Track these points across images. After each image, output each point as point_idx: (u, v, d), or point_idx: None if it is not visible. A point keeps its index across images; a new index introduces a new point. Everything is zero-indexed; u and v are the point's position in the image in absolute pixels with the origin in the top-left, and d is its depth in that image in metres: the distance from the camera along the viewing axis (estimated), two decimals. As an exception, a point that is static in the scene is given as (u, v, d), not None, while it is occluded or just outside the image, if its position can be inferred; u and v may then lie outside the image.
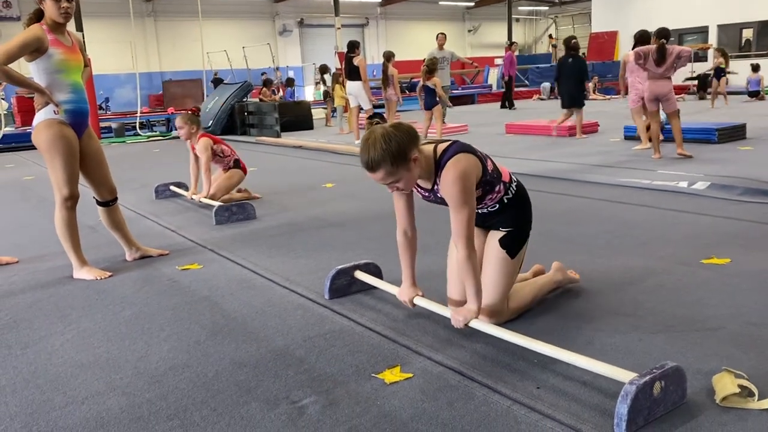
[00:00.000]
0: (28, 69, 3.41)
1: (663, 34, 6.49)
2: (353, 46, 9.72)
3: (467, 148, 2.39)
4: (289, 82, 17.45)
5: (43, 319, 2.95)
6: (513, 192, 2.56)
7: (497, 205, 2.54)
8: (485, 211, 2.57)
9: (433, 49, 10.94)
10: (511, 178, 2.59)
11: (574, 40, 9.19)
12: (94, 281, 3.50)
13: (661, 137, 6.80)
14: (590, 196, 5.05)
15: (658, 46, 6.38)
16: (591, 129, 9.33)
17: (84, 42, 12.10)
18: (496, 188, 2.49)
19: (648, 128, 7.05)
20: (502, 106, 15.41)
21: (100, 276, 3.54)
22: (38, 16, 3.39)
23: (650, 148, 7.07)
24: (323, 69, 15.40)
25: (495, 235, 2.60)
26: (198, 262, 3.76)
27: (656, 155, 6.55)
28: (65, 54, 3.41)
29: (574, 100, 8.84)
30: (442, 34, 11.19)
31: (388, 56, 10.05)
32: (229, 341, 2.57)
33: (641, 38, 7.57)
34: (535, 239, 3.81)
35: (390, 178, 2.28)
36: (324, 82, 15.39)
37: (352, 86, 9.82)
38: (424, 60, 9.18)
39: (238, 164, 5.63)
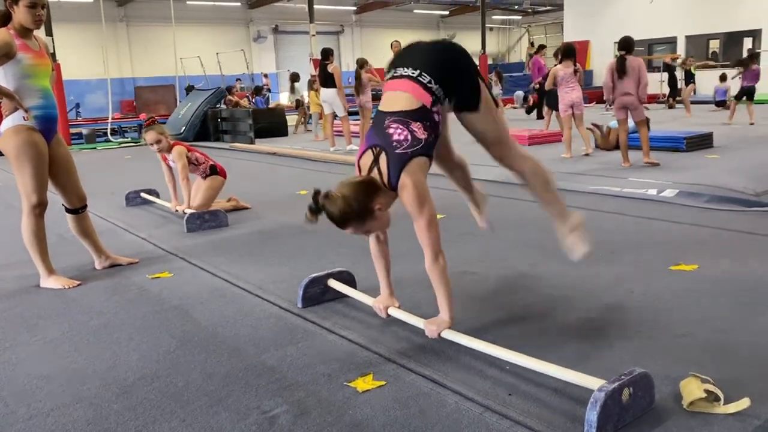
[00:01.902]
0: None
1: (623, 45, 6.62)
2: (327, 54, 9.72)
3: (403, 158, 2.30)
4: (257, 90, 17.10)
5: (8, 329, 2.88)
6: (434, 109, 2.44)
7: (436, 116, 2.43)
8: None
9: (392, 58, 10.70)
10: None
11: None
12: (62, 290, 3.43)
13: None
14: (562, 204, 5.09)
15: (618, 59, 6.52)
16: (555, 138, 9.29)
17: (54, 47, 12.04)
18: (428, 119, 2.39)
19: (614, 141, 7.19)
20: (528, 112, 14.11)
21: (68, 285, 3.48)
22: (4, 20, 3.32)
23: (572, 158, 7.26)
24: (293, 77, 15.20)
25: (460, 115, 2.56)
26: (169, 271, 3.72)
27: (625, 163, 6.64)
28: (34, 59, 3.34)
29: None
30: (397, 41, 10.64)
31: (362, 63, 10.03)
32: (199, 351, 2.54)
33: (566, 51, 7.83)
34: (505, 246, 3.86)
35: (361, 230, 2.40)
36: (293, 90, 15.08)
37: (327, 93, 9.81)
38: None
39: (215, 170, 5.38)
